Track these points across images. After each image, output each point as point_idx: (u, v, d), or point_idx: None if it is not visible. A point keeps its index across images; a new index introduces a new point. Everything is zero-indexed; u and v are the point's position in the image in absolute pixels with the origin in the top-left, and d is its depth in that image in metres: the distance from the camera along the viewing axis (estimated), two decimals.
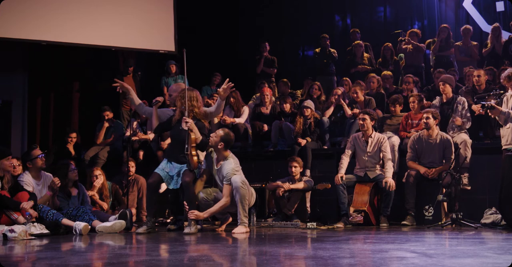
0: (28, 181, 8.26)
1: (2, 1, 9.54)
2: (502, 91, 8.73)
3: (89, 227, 7.90)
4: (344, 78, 12.47)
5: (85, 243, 6.84)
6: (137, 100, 8.58)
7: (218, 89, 8.28)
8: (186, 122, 7.85)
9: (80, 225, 7.75)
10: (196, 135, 7.91)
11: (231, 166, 7.92)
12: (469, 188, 9.10)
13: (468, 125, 9.48)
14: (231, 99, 11.30)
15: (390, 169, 9.00)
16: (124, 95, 12.14)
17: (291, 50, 16.27)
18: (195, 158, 7.91)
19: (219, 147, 7.95)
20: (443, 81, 9.68)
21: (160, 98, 8.57)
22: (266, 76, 13.72)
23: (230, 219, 8.49)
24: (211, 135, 8.08)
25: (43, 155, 8.62)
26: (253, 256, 5.24)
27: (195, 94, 8.19)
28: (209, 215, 8.01)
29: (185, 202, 8.15)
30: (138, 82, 12.55)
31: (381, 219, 8.88)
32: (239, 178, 7.85)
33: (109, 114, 11.48)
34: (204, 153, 8.22)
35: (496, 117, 8.28)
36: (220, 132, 8.01)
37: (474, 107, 9.61)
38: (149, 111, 8.62)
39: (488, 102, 8.10)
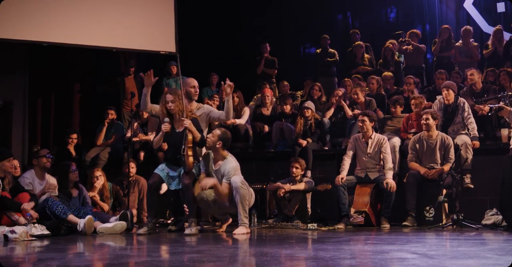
0: (31, 178, 8.27)
1: (2, 1, 9.55)
2: (510, 93, 8.74)
3: (94, 219, 7.95)
4: (346, 79, 12.46)
5: (86, 244, 6.87)
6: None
7: (224, 86, 8.22)
8: (185, 123, 7.85)
9: (84, 219, 7.82)
10: (195, 134, 7.91)
11: (232, 164, 7.94)
12: (472, 186, 9.12)
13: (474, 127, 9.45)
14: (235, 98, 11.31)
15: (390, 170, 9.00)
16: (125, 96, 12.19)
17: (292, 51, 16.27)
18: (190, 159, 7.90)
19: (217, 146, 7.96)
20: (446, 87, 9.67)
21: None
22: (267, 77, 13.73)
23: (230, 220, 8.50)
24: (207, 136, 8.08)
25: (50, 155, 8.63)
26: (253, 257, 5.26)
27: (180, 93, 8.17)
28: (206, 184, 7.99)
29: (185, 205, 8.18)
30: (140, 83, 12.56)
31: (381, 220, 8.87)
32: (238, 178, 7.86)
33: (113, 114, 11.51)
34: (204, 150, 8.21)
35: (506, 118, 8.30)
36: (217, 131, 8.03)
37: (477, 107, 9.60)
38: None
39: (495, 105, 8.12)
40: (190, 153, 7.89)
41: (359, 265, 4.57)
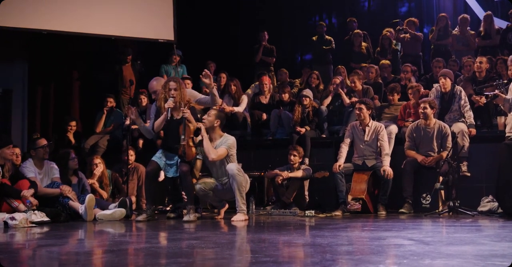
0: (31, 167, 8.30)
1: None
2: (506, 81, 8.75)
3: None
4: (340, 66, 12.48)
5: (85, 231, 6.90)
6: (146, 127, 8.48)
7: (202, 78, 8.24)
8: (184, 113, 7.87)
9: (84, 203, 7.96)
10: (193, 124, 7.95)
11: (232, 138, 8.06)
12: (468, 174, 9.16)
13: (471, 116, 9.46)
14: (233, 87, 11.32)
15: (387, 157, 9.04)
16: (123, 84, 12.20)
17: (290, 39, 16.25)
18: (193, 149, 7.92)
19: (215, 124, 7.99)
20: (443, 75, 9.66)
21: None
22: (265, 65, 13.72)
23: (227, 205, 8.55)
24: (203, 117, 8.10)
25: (47, 146, 8.63)
26: (252, 243, 5.28)
27: (181, 81, 8.20)
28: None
29: (183, 192, 8.20)
30: (137, 71, 12.57)
31: (379, 207, 8.93)
32: (234, 165, 7.89)
33: (112, 102, 11.53)
34: (199, 137, 8.23)
35: (501, 106, 8.34)
36: (213, 111, 8.06)
37: (474, 98, 9.60)
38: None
39: (491, 93, 8.15)
40: (191, 143, 7.92)
41: (356, 251, 4.58)
